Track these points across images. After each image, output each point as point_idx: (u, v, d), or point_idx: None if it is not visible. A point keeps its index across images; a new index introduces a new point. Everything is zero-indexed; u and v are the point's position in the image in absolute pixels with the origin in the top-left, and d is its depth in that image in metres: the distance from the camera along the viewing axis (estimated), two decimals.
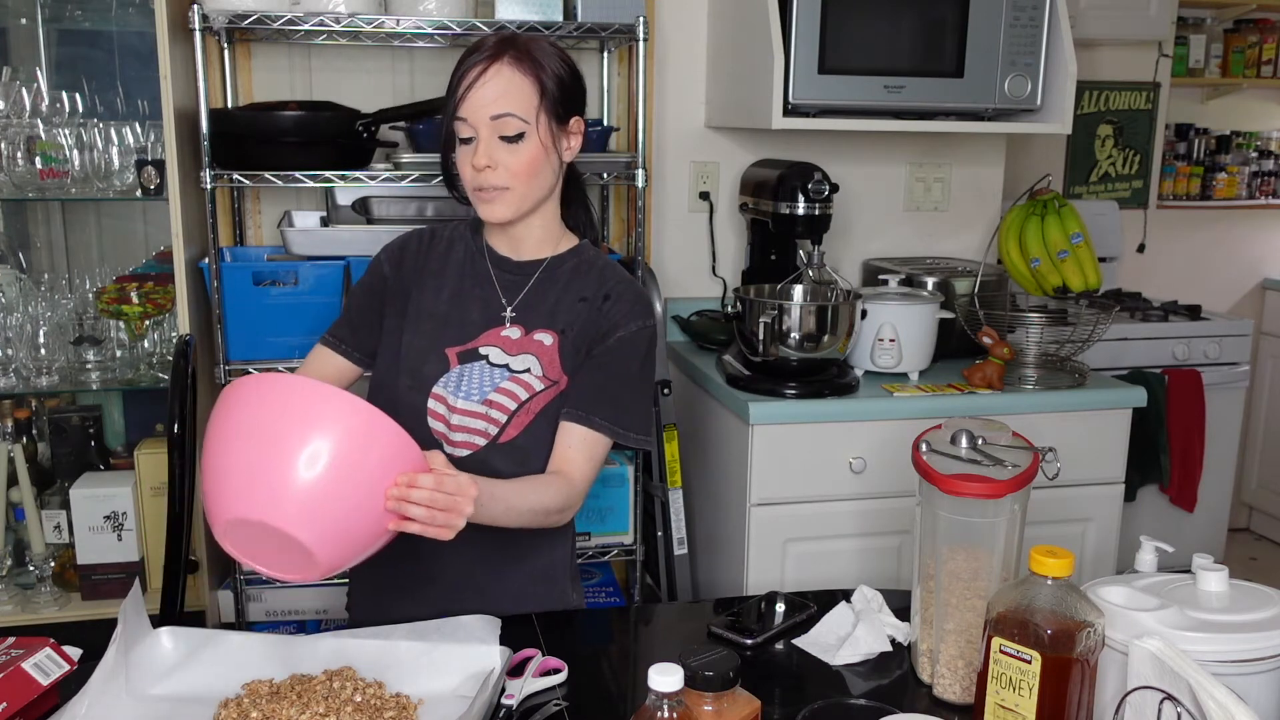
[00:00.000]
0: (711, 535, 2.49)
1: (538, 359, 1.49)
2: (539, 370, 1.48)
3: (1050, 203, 2.63)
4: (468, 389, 1.48)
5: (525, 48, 1.43)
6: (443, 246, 1.57)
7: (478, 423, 1.47)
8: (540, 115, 1.42)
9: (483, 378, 1.48)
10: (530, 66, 1.42)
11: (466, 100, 1.41)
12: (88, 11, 2.55)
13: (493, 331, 1.50)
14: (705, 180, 2.78)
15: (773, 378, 2.25)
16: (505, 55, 1.41)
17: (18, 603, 2.28)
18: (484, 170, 1.42)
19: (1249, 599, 1.10)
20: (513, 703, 1.20)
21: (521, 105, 1.41)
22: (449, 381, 1.48)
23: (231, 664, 1.27)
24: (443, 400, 1.48)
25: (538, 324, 1.50)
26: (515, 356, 1.49)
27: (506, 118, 1.41)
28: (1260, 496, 4.00)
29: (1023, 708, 1.03)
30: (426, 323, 1.52)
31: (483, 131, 1.42)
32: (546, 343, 1.49)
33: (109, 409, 2.54)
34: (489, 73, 1.40)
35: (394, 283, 1.56)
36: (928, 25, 2.39)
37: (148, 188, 2.30)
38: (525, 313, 1.51)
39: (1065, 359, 2.42)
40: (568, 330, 1.49)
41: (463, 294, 1.53)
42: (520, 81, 1.41)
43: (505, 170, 1.42)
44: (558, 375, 1.49)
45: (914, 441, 1.28)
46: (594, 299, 1.50)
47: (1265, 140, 4.04)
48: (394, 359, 1.52)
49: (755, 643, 1.35)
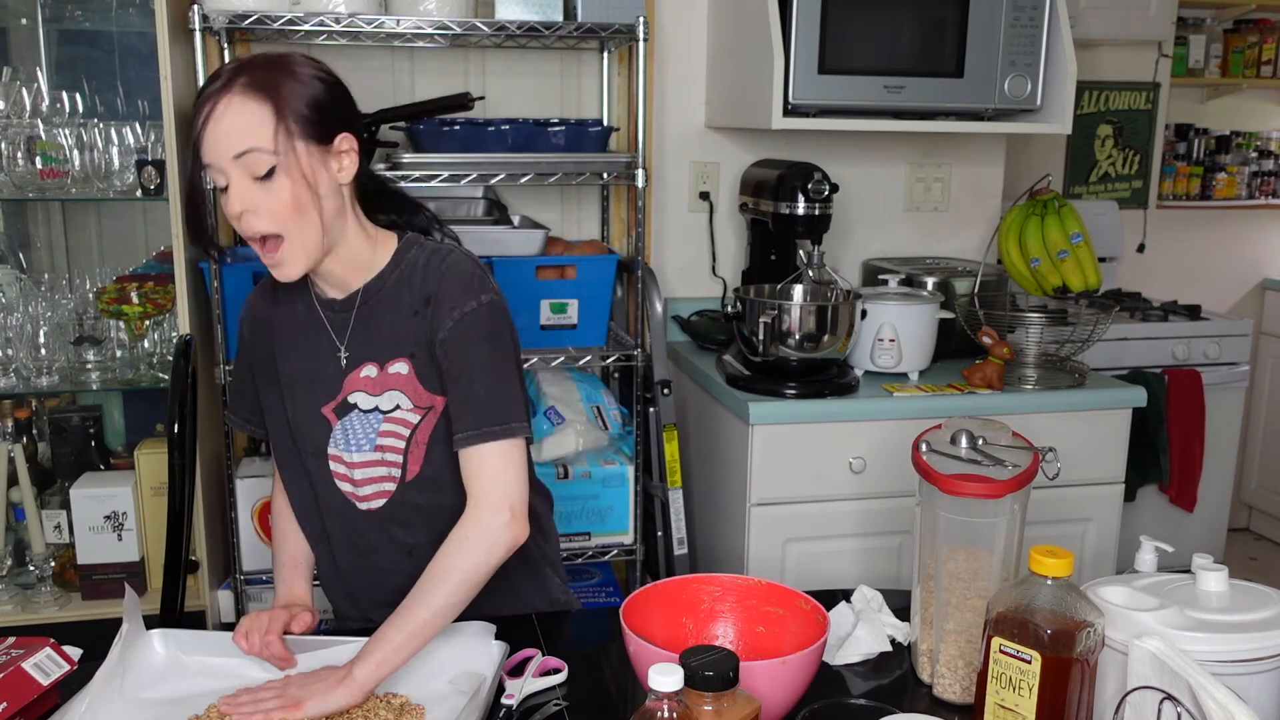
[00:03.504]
0: (711, 535, 2.49)
1: (402, 392, 1.38)
2: (408, 403, 1.38)
3: (1050, 203, 2.63)
4: (356, 442, 1.40)
5: (260, 70, 1.26)
6: (286, 301, 1.45)
7: (379, 470, 1.41)
8: (289, 142, 1.25)
9: (363, 426, 1.40)
10: (266, 91, 1.24)
11: (204, 142, 1.25)
12: (88, 11, 2.55)
13: (352, 377, 1.40)
14: (705, 180, 2.78)
15: (773, 378, 2.25)
16: (236, 84, 1.24)
17: (18, 603, 2.28)
18: (242, 215, 1.26)
19: (1249, 599, 1.10)
20: (513, 703, 1.20)
21: (260, 136, 1.23)
22: (336, 440, 1.41)
23: (223, 668, 1.27)
24: (340, 460, 1.42)
25: (387, 355, 1.39)
26: (380, 396, 1.39)
27: (249, 155, 1.23)
28: (1260, 496, 3.99)
29: (1023, 708, 1.03)
30: (298, 386, 1.43)
31: (232, 174, 1.25)
32: (404, 372, 1.38)
33: (109, 409, 2.54)
34: (219, 107, 1.23)
35: (257, 353, 1.48)
36: (928, 25, 2.39)
37: (148, 188, 2.30)
38: (364, 349, 1.39)
39: (1065, 359, 2.42)
40: (417, 353, 1.37)
41: (311, 348, 1.42)
42: (256, 110, 1.24)
43: (267, 213, 1.26)
44: (429, 400, 1.38)
45: (914, 441, 1.28)
46: (422, 309, 1.36)
47: (1265, 140, 4.04)
48: (286, 428, 1.46)
49: None
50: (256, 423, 1.53)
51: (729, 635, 1.27)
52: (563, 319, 2.33)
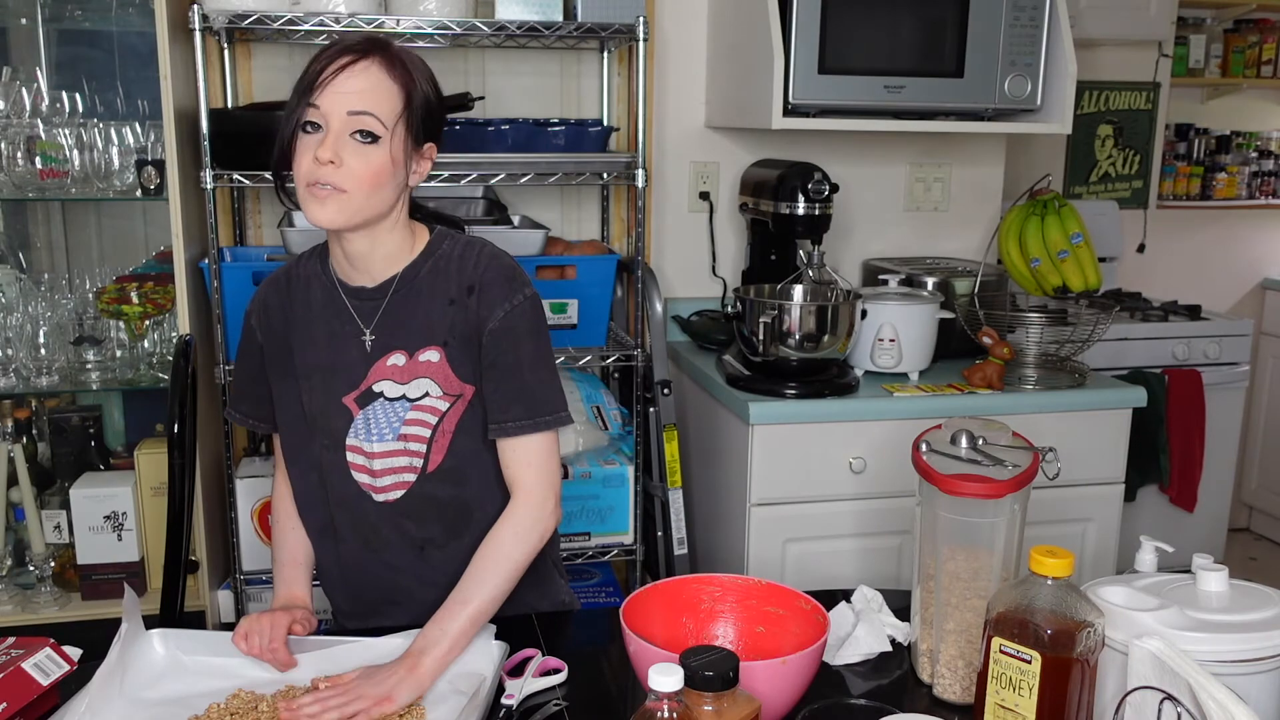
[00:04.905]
0: (711, 535, 2.49)
1: (431, 379, 1.40)
2: (437, 390, 1.40)
3: (1050, 203, 2.63)
4: (379, 431, 1.40)
5: (399, 54, 1.33)
6: (301, 290, 1.46)
7: (400, 459, 1.41)
8: (399, 126, 1.32)
9: (387, 415, 1.41)
10: (401, 74, 1.32)
11: (327, 88, 1.28)
12: (88, 11, 2.55)
13: (378, 365, 1.41)
14: (705, 180, 2.78)
15: (773, 378, 2.25)
16: (377, 55, 1.31)
17: (18, 603, 2.28)
18: (326, 165, 1.29)
19: (1249, 599, 1.10)
20: (513, 703, 1.20)
21: (383, 108, 1.30)
22: (357, 430, 1.41)
23: (223, 667, 1.27)
24: (359, 450, 1.42)
25: (418, 343, 1.40)
26: (408, 384, 1.40)
27: (364, 116, 1.29)
28: (1260, 496, 4.00)
29: (1023, 708, 1.03)
30: (315, 377, 1.43)
31: (334, 124, 1.29)
32: (435, 360, 1.40)
33: (109, 409, 2.54)
34: (358, 67, 1.29)
35: (270, 346, 1.48)
36: (928, 25, 2.39)
37: (148, 188, 2.30)
38: (392, 336, 1.41)
39: (1065, 359, 2.42)
40: (450, 341, 1.39)
41: (332, 337, 1.43)
42: (388, 85, 1.31)
43: (349, 172, 1.29)
44: (458, 388, 1.40)
45: (914, 441, 1.28)
46: (460, 298, 1.39)
47: (1265, 140, 4.04)
48: (300, 421, 1.45)
49: None
50: (258, 418, 1.52)
51: (729, 635, 1.27)
52: (563, 319, 2.33)
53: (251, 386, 1.52)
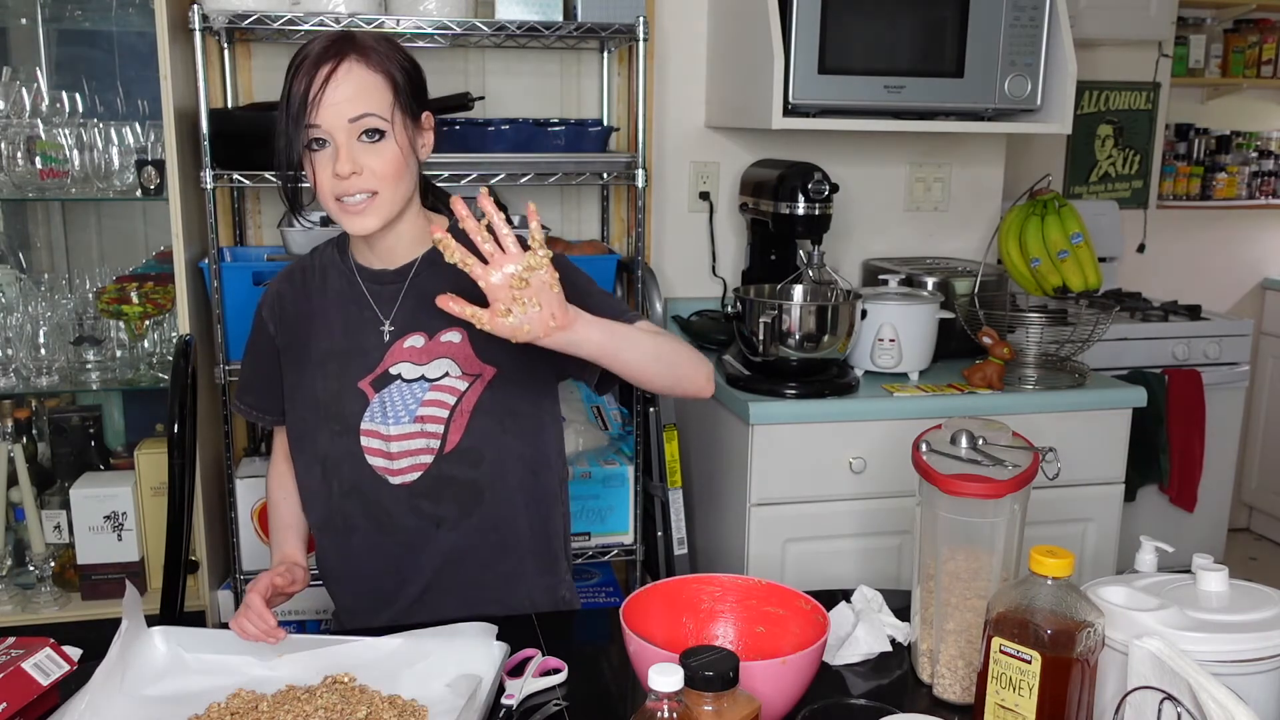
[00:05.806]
0: (711, 535, 2.49)
1: (451, 359, 1.41)
2: (457, 370, 1.41)
3: (1050, 203, 2.63)
4: (395, 413, 1.41)
5: (367, 45, 1.35)
6: (317, 281, 1.48)
7: (417, 442, 1.42)
8: (396, 113, 1.35)
9: (404, 397, 1.41)
10: (379, 63, 1.34)
11: (320, 105, 1.31)
12: (88, 11, 2.55)
13: (395, 348, 1.42)
14: (705, 180, 2.78)
15: (773, 378, 2.25)
16: (350, 54, 1.32)
17: (18, 603, 2.28)
18: (350, 177, 1.32)
19: (1249, 599, 1.10)
20: (513, 703, 1.20)
21: (378, 103, 1.33)
22: (373, 414, 1.42)
23: (225, 665, 1.27)
24: (375, 434, 1.42)
25: (440, 324, 1.41)
26: (428, 365, 1.41)
27: (366, 118, 1.32)
28: (1260, 496, 4.00)
29: (1023, 708, 1.03)
30: (330, 364, 1.44)
31: (339, 136, 1.32)
32: (456, 341, 1.41)
33: (109, 409, 2.54)
34: (339, 73, 1.31)
35: (283, 338, 1.49)
36: (928, 25, 2.39)
37: (148, 188, 2.30)
38: (413, 319, 1.42)
39: (1065, 359, 2.42)
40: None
41: (350, 323, 1.44)
42: (373, 79, 1.33)
43: (371, 173, 1.33)
44: (478, 368, 1.42)
45: (914, 441, 1.28)
46: None
47: (1265, 140, 4.04)
48: (310, 410, 1.46)
49: None
50: (263, 409, 1.54)
51: (729, 635, 1.27)
52: None
53: (258, 379, 1.53)
